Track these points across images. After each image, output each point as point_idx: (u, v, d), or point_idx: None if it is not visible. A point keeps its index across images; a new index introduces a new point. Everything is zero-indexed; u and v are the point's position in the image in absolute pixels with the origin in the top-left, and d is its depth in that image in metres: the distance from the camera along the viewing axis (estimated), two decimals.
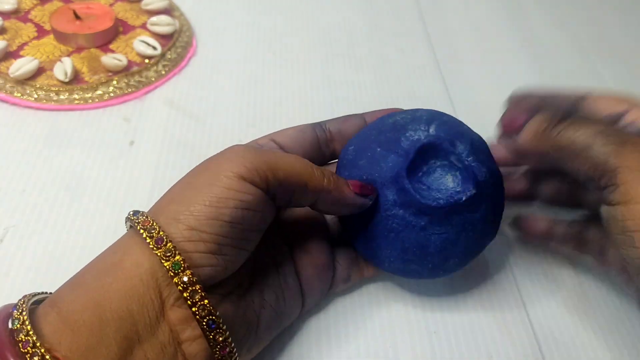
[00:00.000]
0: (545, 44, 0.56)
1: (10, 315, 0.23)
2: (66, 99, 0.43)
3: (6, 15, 0.49)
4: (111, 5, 0.51)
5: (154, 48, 0.47)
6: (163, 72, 0.47)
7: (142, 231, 0.24)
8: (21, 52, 0.45)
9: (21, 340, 0.22)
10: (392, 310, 0.33)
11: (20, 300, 0.24)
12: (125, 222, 0.27)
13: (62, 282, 0.32)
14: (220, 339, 0.24)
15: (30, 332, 0.22)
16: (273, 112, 0.45)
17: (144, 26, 0.50)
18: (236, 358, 0.25)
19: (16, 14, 0.49)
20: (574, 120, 0.28)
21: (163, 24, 0.49)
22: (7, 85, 0.43)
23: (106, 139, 0.41)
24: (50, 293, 0.26)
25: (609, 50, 0.56)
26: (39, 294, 0.26)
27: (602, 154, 0.26)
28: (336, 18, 0.56)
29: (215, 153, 0.28)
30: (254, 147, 0.30)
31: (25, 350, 0.22)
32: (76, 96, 0.43)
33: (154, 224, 0.24)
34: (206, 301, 0.24)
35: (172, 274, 0.24)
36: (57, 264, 0.33)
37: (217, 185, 0.25)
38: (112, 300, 0.23)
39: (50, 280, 0.33)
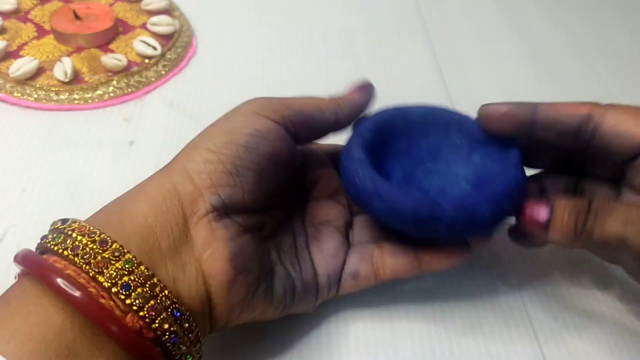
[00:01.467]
0: (545, 44, 0.56)
1: (42, 246, 0.24)
2: (66, 99, 0.43)
3: (6, 15, 0.49)
4: (111, 5, 0.51)
5: (154, 48, 0.47)
6: (163, 72, 0.47)
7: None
8: (21, 52, 0.45)
9: (58, 251, 0.23)
10: (391, 310, 0.33)
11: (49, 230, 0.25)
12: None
13: None
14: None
15: (70, 238, 0.23)
16: None
17: (144, 26, 0.50)
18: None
19: (16, 14, 0.49)
20: (597, 210, 0.26)
21: (163, 24, 0.49)
22: (7, 85, 0.43)
23: (106, 139, 0.41)
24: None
25: (609, 50, 0.56)
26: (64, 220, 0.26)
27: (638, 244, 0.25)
28: (336, 18, 0.56)
29: None
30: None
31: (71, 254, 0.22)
32: (76, 96, 0.43)
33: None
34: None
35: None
36: None
37: (233, 120, 0.28)
38: (135, 216, 0.24)
39: None
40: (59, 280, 0.21)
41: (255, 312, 0.27)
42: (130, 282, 0.22)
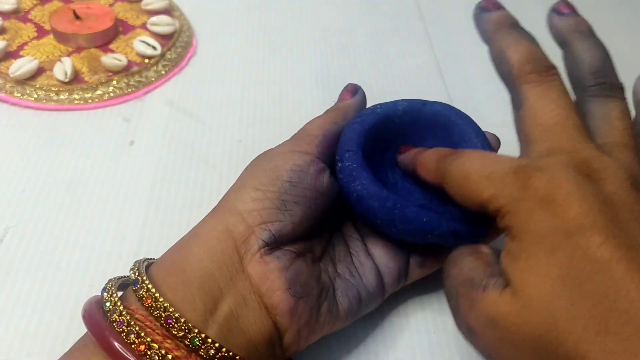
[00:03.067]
0: (544, 44, 0.56)
1: (101, 300, 0.25)
2: (66, 99, 0.43)
3: (6, 15, 0.49)
4: (111, 5, 0.51)
5: (154, 48, 0.47)
6: (163, 72, 0.47)
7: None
8: (21, 52, 0.45)
9: (115, 321, 0.23)
10: (391, 310, 0.33)
11: (108, 283, 0.26)
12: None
13: (61, 282, 0.33)
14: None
15: (124, 312, 0.24)
16: (273, 112, 0.45)
17: (143, 26, 0.50)
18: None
19: (16, 14, 0.49)
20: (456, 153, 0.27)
21: (163, 24, 0.49)
22: (7, 85, 0.43)
23: (106, 139, 0.41)
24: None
25: (608, 49, 0.56)
26: (123, 277, 0.27)
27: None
28: (336, 18, 0.56)
29: (215, 152, 0.28)
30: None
31: (121, 329, 0.23)
32: (76, 96, 0.43)
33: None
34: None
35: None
36: (57, 264, 0.33)
37: (274, 159, 0.29)
38: (193, 262, 0.26)
39: (50, 280, 0.33)
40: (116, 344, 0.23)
41: (324, 329, 0.28)
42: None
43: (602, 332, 0.19)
